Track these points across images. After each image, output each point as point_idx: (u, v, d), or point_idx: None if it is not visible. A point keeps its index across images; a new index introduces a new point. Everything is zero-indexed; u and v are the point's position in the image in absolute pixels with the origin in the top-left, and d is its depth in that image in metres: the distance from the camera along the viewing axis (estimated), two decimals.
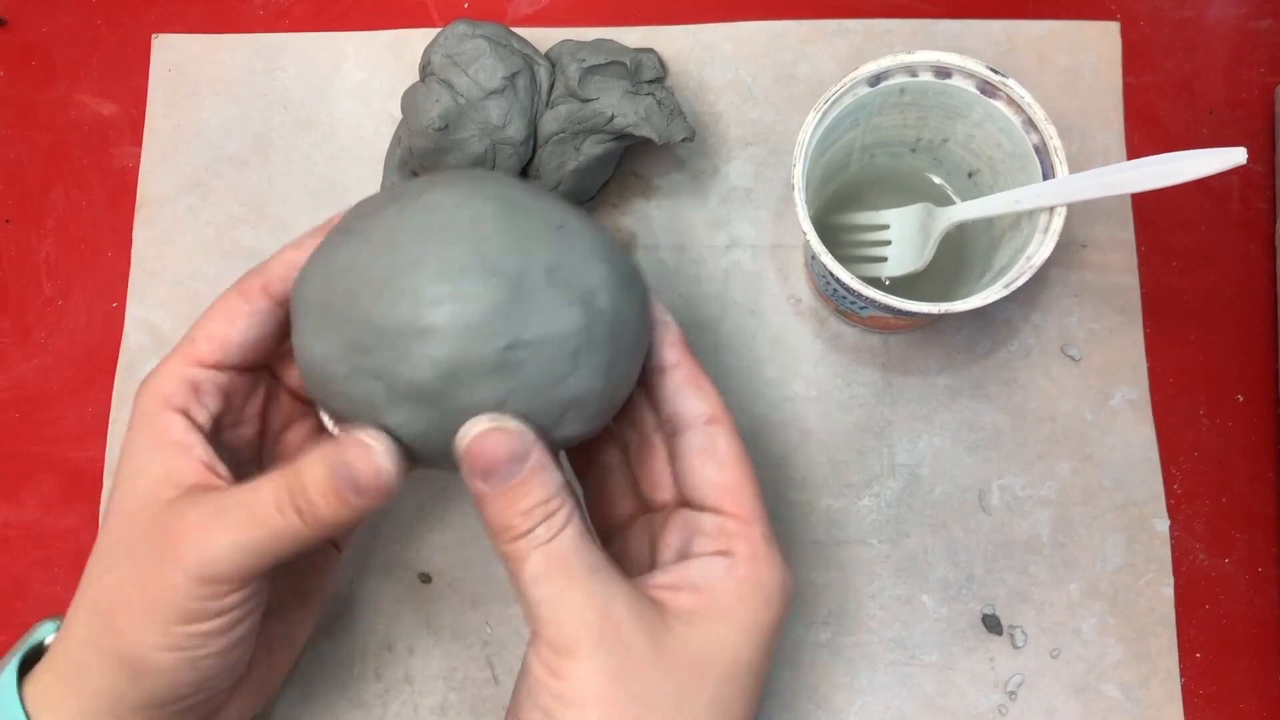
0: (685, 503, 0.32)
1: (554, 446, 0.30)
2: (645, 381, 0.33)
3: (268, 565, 0.30)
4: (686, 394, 0.32)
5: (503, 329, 0.28)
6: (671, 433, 0.32)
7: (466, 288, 0.28)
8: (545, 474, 0.29)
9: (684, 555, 0.31)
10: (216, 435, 0.32)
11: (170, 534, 0.29)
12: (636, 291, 0.31)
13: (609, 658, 0.28)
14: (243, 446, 0.34)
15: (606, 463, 0.35)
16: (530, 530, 0.28)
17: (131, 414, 0.32)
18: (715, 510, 0.31)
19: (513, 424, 0.28)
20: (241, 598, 0.30)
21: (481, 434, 0.28)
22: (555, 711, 0.28)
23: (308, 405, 0.37)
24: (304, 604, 0.36)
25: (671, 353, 0.32)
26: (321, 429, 0.36)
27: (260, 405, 0.35)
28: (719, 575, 0.30)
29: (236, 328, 0.32)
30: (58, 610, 0.42)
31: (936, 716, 0.40)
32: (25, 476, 0.44)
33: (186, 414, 0.31)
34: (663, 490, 0.34)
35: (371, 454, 0.28)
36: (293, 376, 0.36)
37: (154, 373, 0.32)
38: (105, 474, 0.43)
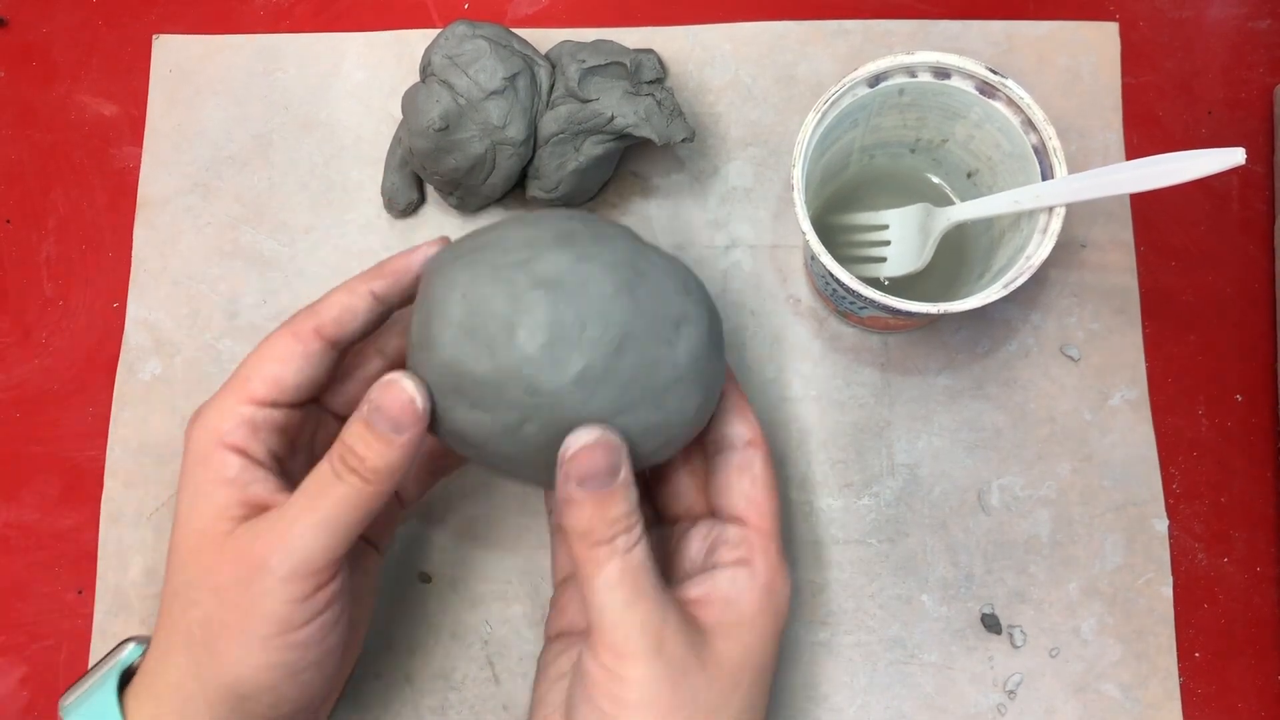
0: (711, 514, 0.36)
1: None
2: None
3: (345, 538, 0.31)
4: (733, 419, 0.36)
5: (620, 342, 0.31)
6: (714, 452, 0.36)
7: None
8: (631, 490, 0.31)
9: (707, 564, 0.34)
10: (279, 468, 0.33)
11: (249, 552, 0.31)
12: (719, 329, 0.34)
13: (665, 667, 0.30)
14: (298, 475, 0.35)
15: (687, 466, 0.38)
16: (613, 539, 0.31)
17: (185, 451, 0.33)
18: (741, 522, 0.34)
19: (616, 438, 0.31)
20: (329, 595, 0.31)
21: (590, 443, 0.30)
22: (614, 713, 0.30)
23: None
24: (359, 605, 0.37)
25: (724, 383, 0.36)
26: None
27: (310, 434, 0.36)
28: (744, 587, 0.33)
29: (291, 369, 0.33)
30: (58, 609, 0.43)
31: (936, 716, 0.40)
32: (25, 476, 0.44)
33: (244, 452, 0.32)
34: (679, 501, 0.37)
35: (397, 389, 0.31)
36: (337, 402, 0.37)
37: (206, 410, 0.33)
38: (105, 474, 0.43)
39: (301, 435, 0.35)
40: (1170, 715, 0.40)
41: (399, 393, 0.31)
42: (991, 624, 0.41)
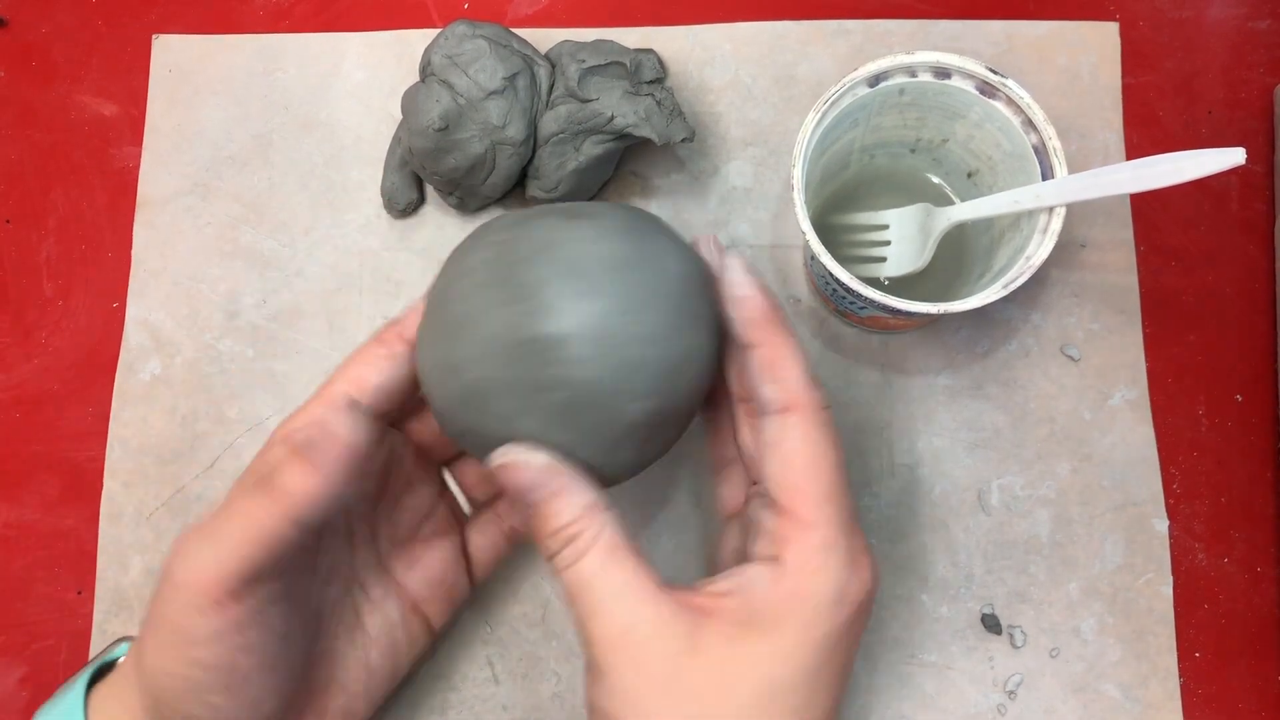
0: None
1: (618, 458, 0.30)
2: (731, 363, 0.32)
3: (239, 557, 0.29)
4: (762, 379, 0.30)
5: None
6: (756, 416, 0.31)
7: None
8: (562, 500, 0.29)
9: (742, 555, 0.31)
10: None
11: (172, 556, 0.30)
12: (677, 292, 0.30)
13: (624, 679, 0.28)
14: (360, 499, 0.35)
15: (731, 452, 0.35)
16: (557, 552, 0.29)
17: None
18: (775, 508, 0.29)
19: (523, 456, 0.29)
20: (231, 619, 0.29)
21: (498, 466, 0.29)
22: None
23: (429, 469, 0.37)
24: (378, 678, 0.36)
25: (748, 331, 0.30)
26: (443, 491, 0.38)
27: (383, 462, 0.35)
28: (763, 587, 0.28)
29: (375, 369, 0.32)
30: (58, 609, 0.43)
31: (936, 716, 0.40)
32: (25, 476, 0.44)
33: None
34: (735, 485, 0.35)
35: (328, 417, 0.30)
36: (417, 430, 0.36)
37: (293, 414, 0.32)
38: (105, 474, 0.43)
39: (374, 458, 0.34)
40: (1170, 715, 0.40)
41: (326, 420, 0.30)
42: (991, 624, 0.41)
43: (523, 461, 0.29)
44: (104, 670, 0.34)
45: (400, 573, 0.36)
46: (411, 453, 0.36)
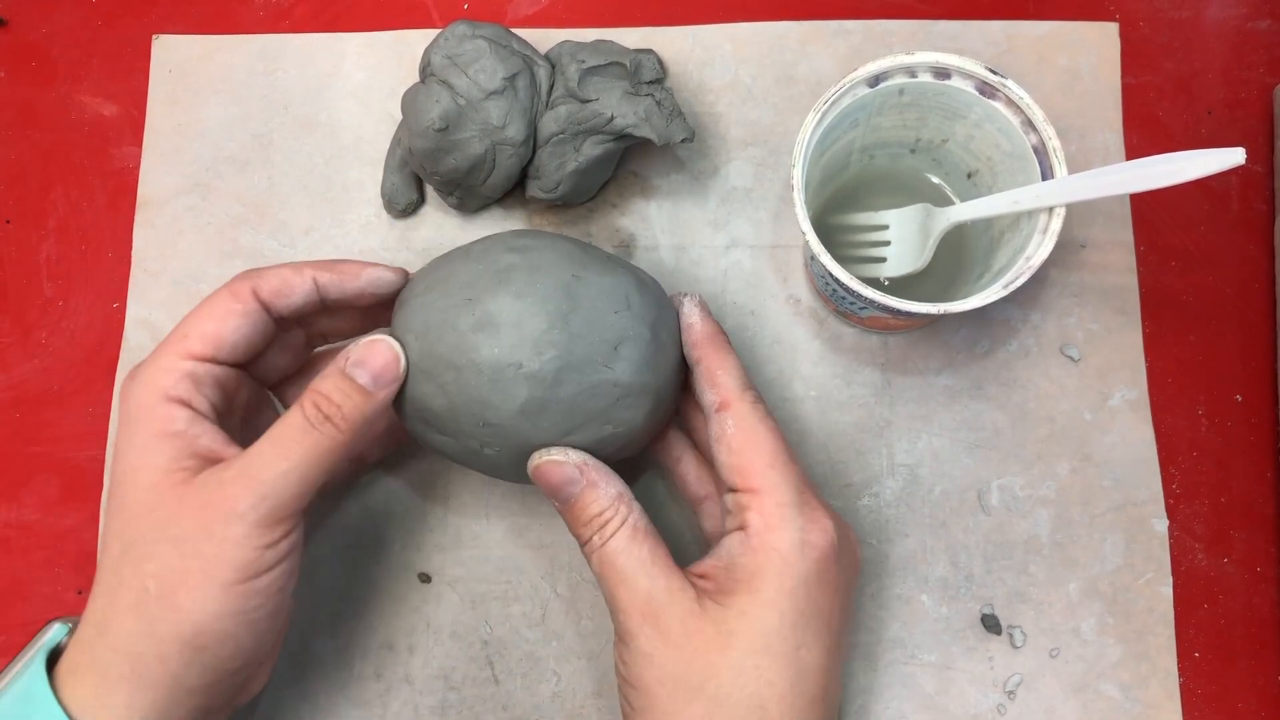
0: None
1: (613, 449, 0.35)
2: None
3: (314, 486, 0.32)
4: (704, 389, 0.36)
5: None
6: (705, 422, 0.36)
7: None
8: (596, 491, 0.33)
9: (722, 533, 0.35)
10: (220, 424, 0.34)
11: (215, 499, 0.31)
12: (666, 327, 0.36)
13: (647, 642, 0.32)
14: (234, 435, 0.36)
15: (678, 452, 0.40)
16: (589, 538, 0.33)
17: (124, 409, 0.33)
18: (732, 488, 0.34)
19: (560, 455, 0.33)
20: (291, 543, 0.32)
21: (539, 464, 0.33)
22: (626, 694, 0.33)
23: (267, 392, 0.39)
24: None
25: (692, 352, 0.36)
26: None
27: (246, 397, 0.37)
28: (737, 550, 0.33)
29: (229, 326, 0.34)
30: (58, 609, 0.42)
31: (936, 716, 0.40)
32: (25, 476, 0.44)
33: (189, 404, 0.33)
34: (710, 477, 0.39)
35: (382, 346, 0.33)
36: (256, 368, 0.37)
37: (145, 367, 0.33)
38: (105, 474, 0.43)
39: (237, 397, 0.36)
40: (1170, 715, 0.40)
41: (385, 350, 0.33)
42: (991, 624, 0.41)
43: (560, 459, 0.33)
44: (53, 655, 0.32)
45: None
46: (252, 382, 0.38)
